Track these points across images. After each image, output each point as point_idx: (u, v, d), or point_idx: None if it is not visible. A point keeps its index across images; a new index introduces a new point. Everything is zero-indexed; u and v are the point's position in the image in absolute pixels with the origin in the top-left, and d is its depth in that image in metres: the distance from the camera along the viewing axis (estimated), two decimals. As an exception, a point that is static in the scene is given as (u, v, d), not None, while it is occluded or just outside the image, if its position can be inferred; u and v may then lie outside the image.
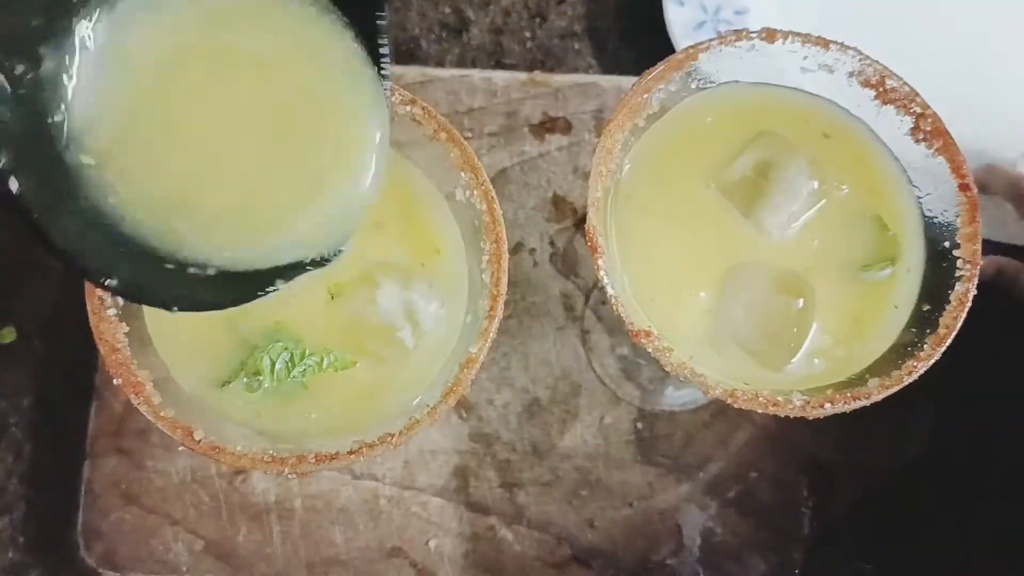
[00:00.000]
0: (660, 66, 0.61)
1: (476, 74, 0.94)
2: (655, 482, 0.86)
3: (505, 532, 0.85)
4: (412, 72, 0.93)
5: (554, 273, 0.90)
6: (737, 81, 0.67)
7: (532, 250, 0.90)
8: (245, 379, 0.56)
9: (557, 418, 0.87)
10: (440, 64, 1.00)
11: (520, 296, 0.89)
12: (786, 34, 0.63)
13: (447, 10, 1.01)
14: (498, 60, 1.00)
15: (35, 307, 0.90)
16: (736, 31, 0.63)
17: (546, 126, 0.93)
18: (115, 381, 0.54)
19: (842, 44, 0.63)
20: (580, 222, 0.91)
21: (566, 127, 0.93)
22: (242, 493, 0.83)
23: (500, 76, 0.94)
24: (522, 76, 0.94)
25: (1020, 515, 0.76)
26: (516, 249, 0.90)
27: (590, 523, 0.85)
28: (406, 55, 1.00)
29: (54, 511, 0.86)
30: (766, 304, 0.62)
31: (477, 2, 1.01)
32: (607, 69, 1.00)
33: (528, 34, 1.01)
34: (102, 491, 0.82)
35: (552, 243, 0.91)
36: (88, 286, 0.55)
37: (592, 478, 0.86)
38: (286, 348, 0.56)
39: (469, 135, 0.92)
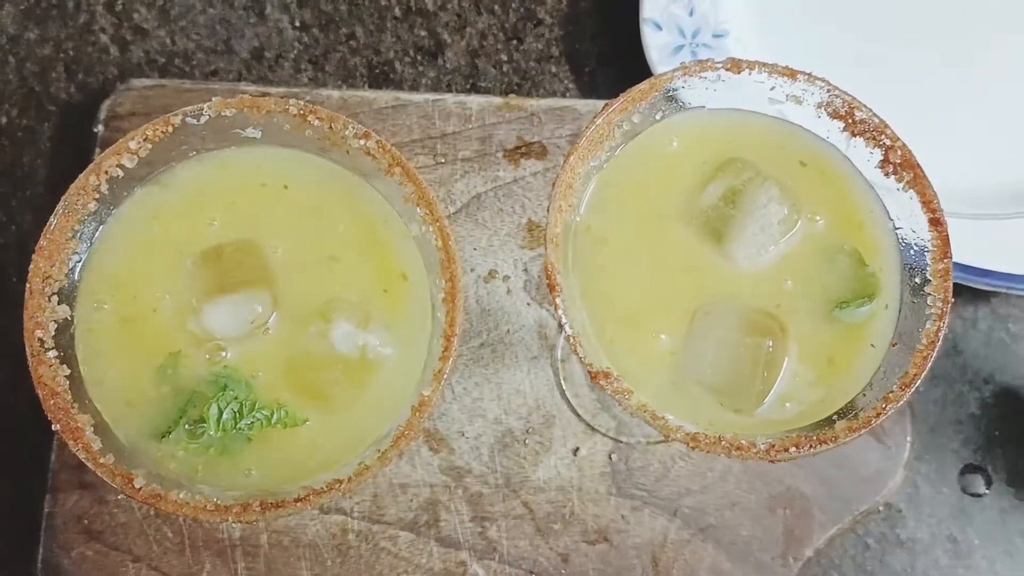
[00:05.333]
0: (621, 99, 0.60)
1: (450, 98, 0.92)
2: (630, 515, 0.84)
3: (476, 567, 0.83)
4: (384, 97, 0.92)
5: (528, 301, 0.88)
6: (704, 107, 0.65)
7: (506, 277, 0.89)
8: (187, 426, 0.54)
9: (530, 450, 0.85)
10: (415, 88, 0.98)
11: (493, 324, 0.87)
12: (752, 64, 0.61)
13: (423, 33, 1.00)
14: (474, 83, 0.99)
15: (1, 340, 0.88)
16: (701, 61, 0.61)
17: (521, 151, 0.91)
18: (53, 426, 0.52)
19: (809, 74, 0.61)
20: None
21: (541, 152, 0.91)
22: (207, 529, 0.81)
23: (474, 100, 0.92)
24: (497, 100, 0.92)
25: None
26: (489, 276, 0.88)
27: (564, 558, 0.83)
28: (380, 79, 0.98)
29: (15, 546, 0.84)
30: (734, 345, 0.59)
31: (453, 25, 1.00)
32: (585, 93, 0.99)
33: (505, 57, 0.99)
34: (63, 526, 0.80)
35: (526, 270, 0.89)
36: (26, 321, 0.53)
37: (566, 511, 0.84)
38: (236, 398, 0.54)
39: (442, 160, 0.90)
